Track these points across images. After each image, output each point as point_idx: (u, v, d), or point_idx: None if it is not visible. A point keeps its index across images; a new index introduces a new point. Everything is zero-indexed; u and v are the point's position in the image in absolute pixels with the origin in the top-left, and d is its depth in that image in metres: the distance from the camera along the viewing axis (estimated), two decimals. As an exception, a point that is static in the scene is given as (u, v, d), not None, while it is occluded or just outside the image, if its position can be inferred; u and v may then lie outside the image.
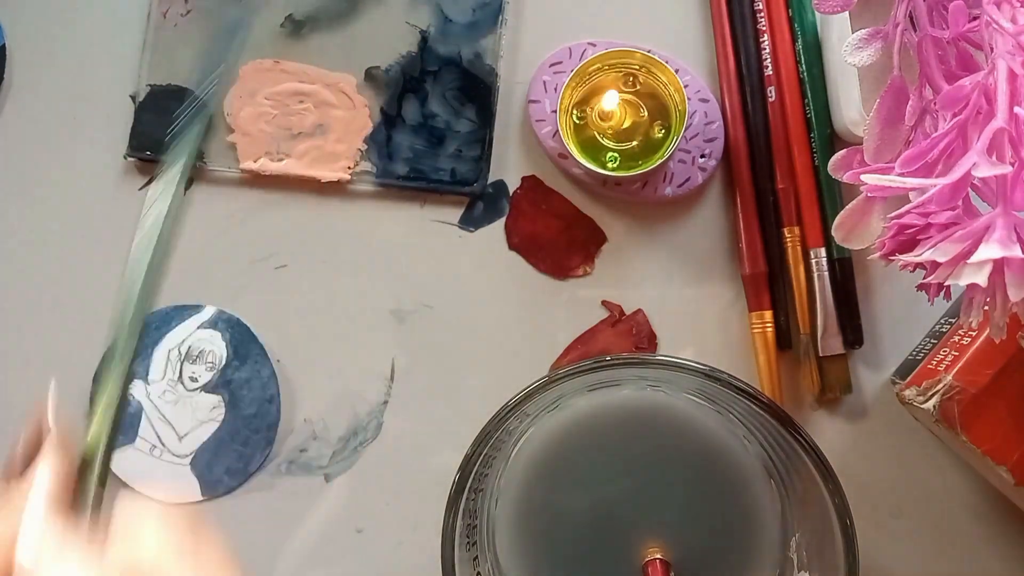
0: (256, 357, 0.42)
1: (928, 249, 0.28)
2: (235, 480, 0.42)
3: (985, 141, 0.27)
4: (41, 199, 0.44)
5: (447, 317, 0.43)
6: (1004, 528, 0.41)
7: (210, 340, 0.42)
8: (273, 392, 0.42)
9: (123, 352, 0.30)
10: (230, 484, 0.42)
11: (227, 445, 0.42)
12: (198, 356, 0.42)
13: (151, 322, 0.42)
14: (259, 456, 0.42)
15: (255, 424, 0.42)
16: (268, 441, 0.42)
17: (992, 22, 0.28)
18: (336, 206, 0.43)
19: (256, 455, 0.42)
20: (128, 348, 0.30)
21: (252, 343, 0.42)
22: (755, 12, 0.43)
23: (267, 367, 0.42)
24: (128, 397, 0.30)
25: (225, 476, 0.42)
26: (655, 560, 0.35)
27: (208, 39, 0.43)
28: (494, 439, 0.34)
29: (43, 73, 0.44)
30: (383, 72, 0.43)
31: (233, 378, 0.42)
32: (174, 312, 0.43)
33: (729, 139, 0.42)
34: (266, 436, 0.42)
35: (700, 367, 0.33)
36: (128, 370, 0.30)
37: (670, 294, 0.43)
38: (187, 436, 0.42)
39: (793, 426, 0.33)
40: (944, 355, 0.37)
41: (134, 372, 0.39)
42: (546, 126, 0.43)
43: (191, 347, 0.42)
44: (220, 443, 0.42)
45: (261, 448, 0.42)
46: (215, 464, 0.42)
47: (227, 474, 0.42)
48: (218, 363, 0.42)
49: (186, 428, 0.42)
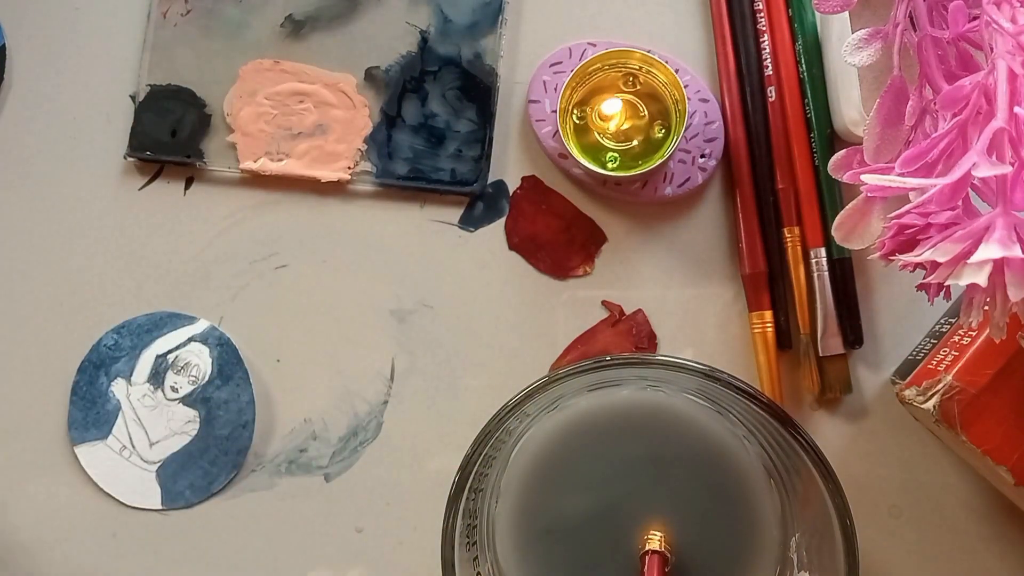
0: (239, 380, 0.42)
1: (928, 249, 0.28)
2: (196, 496, 0.42)
3: (985, 141, 0.27)
4: (41, 199, 0.44)
5: (447, 317, 0.43)
6: (1004, 528, 0.41)
7: (197, 354, 0.42)
8: (249, 419, 0.42)
9: None
10: (190, 499, 0.42)
11: (195, 461, 0.42)
12: (183, 367, 0.42)
13: (144, 324, 0.43)
14: (223, 478, 0.42)
15: (225, 446, 0.42)
16: (235, 465, 0.42)
17: (992, 22, 0.28)
18: (336, 206, 0.43)
19: (221, 476, 0.42)
20: None
21: (237, 365, 0.42)
22: (755, 12, 0.43)
23: (247, 392, 0.42)
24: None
25: (187, 490, 0.42)
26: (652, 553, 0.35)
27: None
28: (494, 439, 0.34)
29: (43, 73, 0.44)
30: (383, 72, 0.43)
31: (212, 396, 0.42)
32: (168, 318, 0.43)
33: (729, 139, 0.42)
34: (234, 460, 0.42)
35: (700, 367, 0.33)
36: None
37: (670, 294, 0.43)
38: (158, 444, 0.42)
39: (793, 426, 0.33)
40: (944, 355, 0.37)
41: (119, 370, 0.39)
42: (546, 126, 0.43)
43: (178, 357, 0.42)
44: (189, 457, 0.42)
45: (227, 471, 0.42)
46: (180, 477, 0.42)
47: (189, 489, 0.42)
48: (201, 378, 0.42)
49: (159, 435, 0.42)
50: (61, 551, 0.42)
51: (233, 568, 0.42)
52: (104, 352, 0.43)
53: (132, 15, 0.44)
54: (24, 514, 0.43)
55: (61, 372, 0.43)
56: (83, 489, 0.42)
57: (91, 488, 0.42)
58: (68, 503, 0.42)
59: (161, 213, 0.44)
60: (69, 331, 0.43)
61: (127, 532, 0.42)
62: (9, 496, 0.43)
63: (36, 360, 0.43)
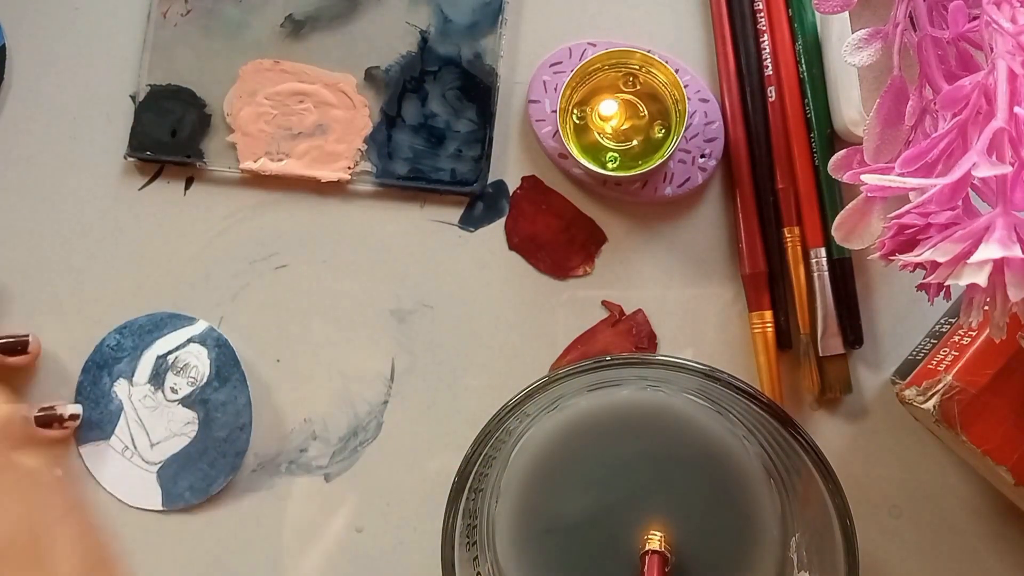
0: (236, 382, 0.42)
1: (928, 249, 0.28)
2: (195, 497, 0.42)
3: (985, 141, 0.27)
4: (41, 199, 0.44)
5: (447, 317, 0.43)
6: (1004, 528, 0.41)
7: (196, 355, 0.42)
8: (246, 421, 0.42)
9: None
10: (190, 500, 0.42)
11: (194, 462, 0.42)
12: (182, 369, 0.42)
13: (146, 325, 0.43)
14: (222, 480, 0.42)
15: (223, 448, 0.42)
16: (233, 467, 0.42)
17: (992, 22, 0.28)
18: (336, 206, 0.43)
19: (220, 478, 0.42)
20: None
21: (235, 367, 0.42)
22: (755, 12, 0.43)
23: (244, 395, 0.42)
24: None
25: (187, 492, 0.42)
26: (652, 553, 0.35)
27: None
28: (494, 439, 0.34)
29: (43, 73, 0.44)
30: (383, 72, 0.43)
31: (210, 398, 0.42)
32: (168, 319, 0.43)
33: (729, 139, 0.42)
34: (232, 462, 0.42)
35: (700, 367, 0.33)
36: None
37: (670, 294, 0.43)
38: (159, 445, 0.42)
39: (793, 426, 0.33)
40: (944, 355, 0.37)
41: (121, 370, 0.40)
42: (546, 126, 0.43)
43: (178, 358, 0.42)
44: (188, 459, 0.42)
45: (225, 473, 0.42)
46: (180, 478, 0.42)
47: (189, 490, 0.42)
48: (199, 380, 0.42)
49: (159, 436, 0.42)
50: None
51: (233, 568, 0.42)
52: (107, 352, 0.43)
53: (132, 15, 0.44)
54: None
55: (64, 372, 0.43)
56: (87, 489, 0.42)
57: (92, 486, 0.42)
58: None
59: (161, 213, 0.44)
60: (69, 331, 0.43)
61: (128, 532, 0.42)
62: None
63: (45, 366, 0.43)
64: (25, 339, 0.41)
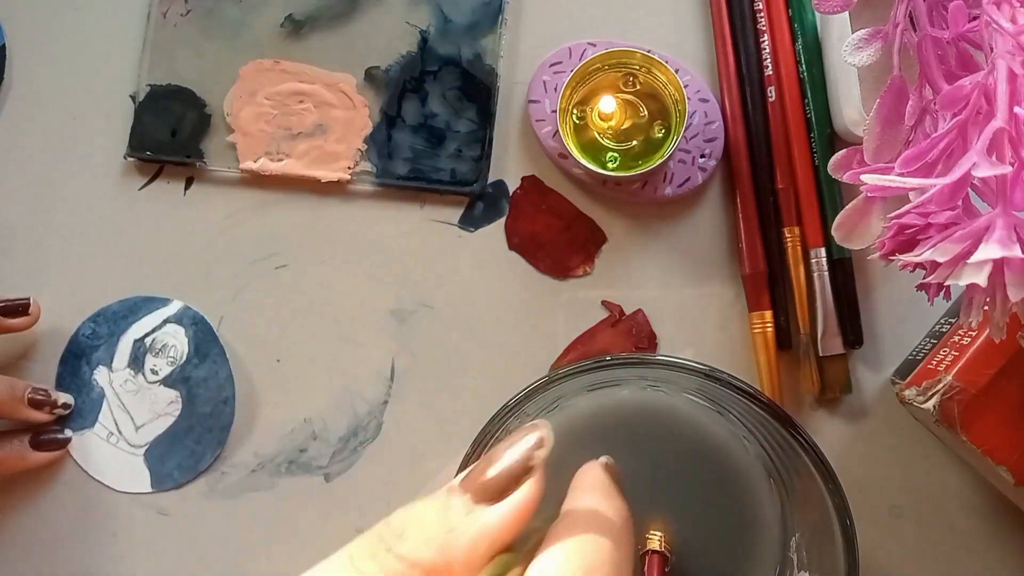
0: (215, 357, 0.42)
1: (928, 249, 0.28)
2: (184, 476, 0.42)
3: (985, 141, 0.27)
4: (41, 199, 0.44)
5: (447, 317, 0.43)
6: (1004, 528, 0.41)
7: (173, 335, 0.42)
8: (228, 395, 0.42)
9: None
10: (179, 479, 0.42)
11: (180, 441, 0.42)
12: (161, 349, 0.42)
13: (119, 310, 0.43)
14: (209, 455, 0.42)
15: (209, 423, 0.42)
16: (220, 442, 0.42)
17: (992, 22, 0.28)
18: (336, 206, 0.43)
19: (207, 454, 0.42)
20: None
21: (213, 343, 0.42)
22: (755, 12, 0.43)
23: (225, 368, 0.42)
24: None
25: (175, 471, 0.42)
26: (652, 552, 0.35)
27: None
28: (494, 439, 0.34)
29: (43, 73, 0.44)
30: (383, 72, 0.43)
31: (192, 375, 0.42)
32: (142, 303, 0.43)
33: (729, 139, 0.42)
34: (218, 437, 0.42)
35: (700, 367, 0.33)
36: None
37: (670, 294, 0.43)
38: (143, 427, 0.42)
39: (793, 426, 0.33)
40: (944, 355, 0.37)
41: (99, 358, 0.40)
42: (546, 126, 0.43)
43: (155, 339, 0.42)
44: (174, 438, 0.42)
45: (212, 448, 0.42)
46: (167, 458, 0.42)
47: (177, 469, 0.42)
48: (179, 358, 0.42)
49: (143, 419, 0.42)
50: (63, 550, 0.42)
51: (233, 568, 0.42)
52: (83, 341, 0.43)
53: (132, 15, 0.44)
54: (22, 511, 0.42)
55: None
56: (79, 482, 0.42)
57: (82, 478, 0.42)
58: (69, 502, 0.42)
59: (161, 213, 0.44)
60: (71, 330, 0.43)
61: (127, 531, 0.42)
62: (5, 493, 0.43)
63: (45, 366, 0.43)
64: (26, 301, 0.42)
